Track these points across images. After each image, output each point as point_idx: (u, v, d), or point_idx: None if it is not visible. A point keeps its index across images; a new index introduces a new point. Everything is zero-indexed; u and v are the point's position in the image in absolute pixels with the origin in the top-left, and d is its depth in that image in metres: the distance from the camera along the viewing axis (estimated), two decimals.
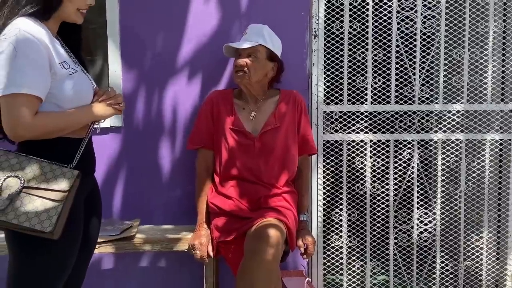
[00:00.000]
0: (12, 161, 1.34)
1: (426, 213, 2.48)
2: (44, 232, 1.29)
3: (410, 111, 2.44)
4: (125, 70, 2.36)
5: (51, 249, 1.38)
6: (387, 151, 2.45)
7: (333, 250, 2.47)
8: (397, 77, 2.42)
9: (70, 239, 1.42)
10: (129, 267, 2.43)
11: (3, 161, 1.34)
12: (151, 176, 2.39)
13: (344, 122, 2.43)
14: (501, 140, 2.47)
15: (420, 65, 2.40)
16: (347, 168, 2.44)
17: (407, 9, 2.39)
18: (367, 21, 2.38)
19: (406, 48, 2.41)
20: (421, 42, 2.40)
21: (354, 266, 2.51)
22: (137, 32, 2.35)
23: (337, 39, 2.40)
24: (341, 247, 2.46)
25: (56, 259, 1.40)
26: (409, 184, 2.47)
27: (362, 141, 2.43)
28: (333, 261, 2.48)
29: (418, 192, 2.46)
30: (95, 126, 1.53)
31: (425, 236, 2.51)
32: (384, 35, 2.43)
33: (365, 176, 2.45)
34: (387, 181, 2.47)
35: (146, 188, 2.39)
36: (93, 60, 2.48)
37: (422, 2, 2.38)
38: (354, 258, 2.52)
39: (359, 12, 2.39)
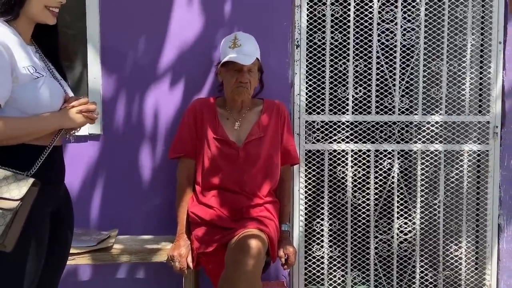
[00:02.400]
0: None
1: (406, 223, 2.50)
2: None
3: (390, 121, 2.46)
4: (105, 76, 2.32)
5: (4, 262, 1.31)
6: (368, 161, 2.46)
7: (314, 260, 2.46)
8: (377, 88, 2.44)
9: (28, 253, 1.34)
10: (106, 278, 2.37)
11: None
12: (131, 185, 2.35)
13: (326, 132, 2.44)
14: (478, 151, 2.52)
15: (400, 77, 2.44)
16: (328, 178, 2.44)
17: (387, 21, 2.42)
18: (348, 32, 2.40)
19: (387, 60, 2.44)
20: (401, 54, 2.44)
21: (335, 276, 2.50)
22: (118, 38, 2.32)
23: (319, 49, 2.42)
24: (322, 257, 2.45)
25: (11, 273, 1.33)
26: (389, 194, 2.49)
27: (343, 150, 2.44)
28: (314, 271, 2.46)
29: (398, 202, 2.48)
30: (68, 134, 1.48)
31: (405, 246, 2.53)
32: (365, 46, 2.46)
33: (346, 186, 2.46)
34: (367, 191, 2.48)
35: (125, 197, 2.35)
36: (72, 66, 2.43)
37: (402, 15, 2.42)
38: (335, 268, 2.51)
39: (340, 23, 2.42)
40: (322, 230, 2.45)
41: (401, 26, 2.42)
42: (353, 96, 2.43)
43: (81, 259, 2.02)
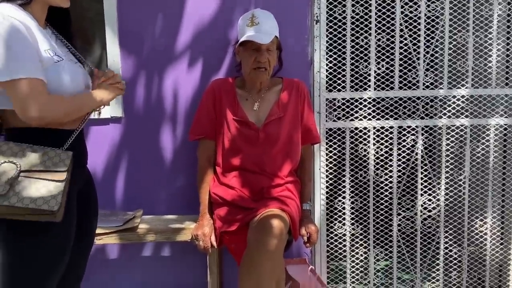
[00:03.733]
0: (14, 149, 1.31)
1: (429, 199, 2.47)
2: (52, 211, 1.26)
3: (414, 96, 2.40)
4: (124, 58, 2.32)
5: (44, 239, 1.34)
6: (391, 138, 2.42)
7: (336, 238, 2.47)
8: (401, 62, 2.38)
9: (65, 228, 1.38)
10: (132, 257, 2.44)
11: (5, 150, 1.30)
12: (153, 166, 2.38)
13: (347, 109, 2.40)
14: (505, 125, 2.45)
15: (424, 50, 2.36)
16: (350, 156, 2.42)
17: None
18: (370, 5, 2.33)
19: (410, 32, 2.36)
20: (425, 26, 2.35)
21: (357, 253, 2.51)
22: (136, 20, 2.30)
23: (340, 24, 2.35)
24: (344, 235, 2.46)
25: (50, 249, 1.36)
26: (412, 170, 2.46)
27: (365, 128, 2.41)
28: (336, 248, 2.47)
29: (421, 178, 2.44)
30: (96, 112, 1.51)
31: (429, 222, 2.51)
32: (388, 19, 2.38)
33: (368, 164, 2.43)
34: (390, 168, 2.45)
35: (149, 178, 2.38)
36: (91, 49, 2.44)
37: None
38: (357, 245, 2.51)
39: None
40: (344, 208, 2.45)
41: None
42: (375, 71, 2.37)
43: (108, 238, 2.07)
